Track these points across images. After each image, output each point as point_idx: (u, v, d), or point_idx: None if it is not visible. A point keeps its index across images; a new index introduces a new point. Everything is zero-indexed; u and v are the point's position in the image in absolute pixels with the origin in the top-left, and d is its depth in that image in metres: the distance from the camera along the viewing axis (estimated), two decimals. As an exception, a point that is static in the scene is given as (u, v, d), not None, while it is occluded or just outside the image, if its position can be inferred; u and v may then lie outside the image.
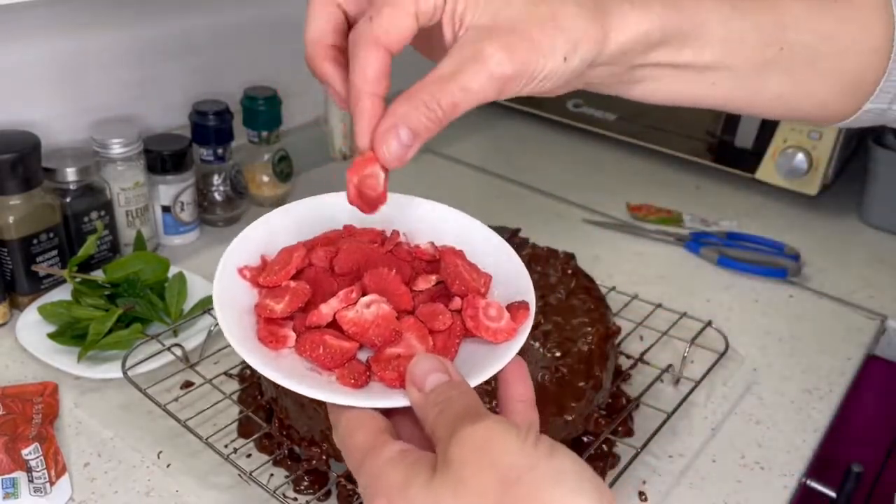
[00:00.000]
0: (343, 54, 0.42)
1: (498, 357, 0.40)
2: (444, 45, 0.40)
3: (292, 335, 0.41)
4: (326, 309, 0.41)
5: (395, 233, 0.47)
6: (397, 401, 0.38)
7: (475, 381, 0.38)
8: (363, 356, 0.41)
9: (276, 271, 0.43)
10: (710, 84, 0.48)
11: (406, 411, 0.38)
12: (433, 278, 0.44)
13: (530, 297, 0.43)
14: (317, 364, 0.40)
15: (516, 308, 0.42)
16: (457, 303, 0.43)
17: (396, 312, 0.41)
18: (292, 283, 0.42)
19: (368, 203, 0.42)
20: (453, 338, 0.41)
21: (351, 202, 0.42)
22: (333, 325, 0.41)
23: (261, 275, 0.43)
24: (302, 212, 0.48)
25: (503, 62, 0.38)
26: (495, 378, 0.40)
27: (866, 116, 0.54)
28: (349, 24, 0.42)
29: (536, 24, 0.39)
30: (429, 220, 0.49)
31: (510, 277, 0.45)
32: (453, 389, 0.36)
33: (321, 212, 0.49)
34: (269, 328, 0.41)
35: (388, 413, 0.39)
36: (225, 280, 0.43)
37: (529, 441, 0.34)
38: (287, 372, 0.38)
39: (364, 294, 0.42)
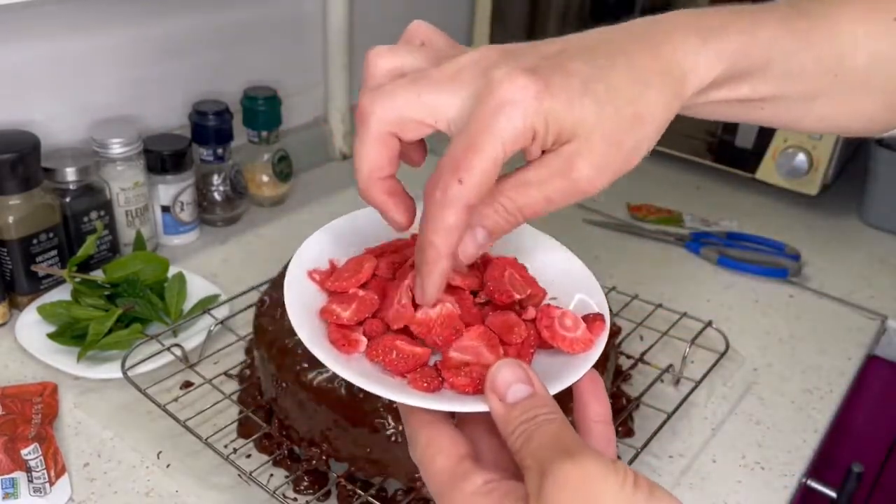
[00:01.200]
0: (397, 182, 0.41)
1: (574, 368, 0.39)
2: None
3: (363, 340, 0.41)
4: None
5: None
6: (475, 406, 0.37)
7: (553, 390, 0.37)
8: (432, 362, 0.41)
9: (346, 278, 0.43)
10: (758, 109, 0.47)
11: (480, 418, 0.38)
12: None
13: (605, 310, 0.43)
14: (389, 368, 0.39)
15: (591, 320, 0.42)
16: (531, 312, 0.42)
17: (461, 312, 0.41)
18: (360, 292, 0.42)
19: None
20: (527, 348, 0.41)
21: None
22: (403, 330, 0.41)
23: (329, 279, 0.43)
24: (367, 219, 0.47)
25: (593, 179, 0.37)
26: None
27: None
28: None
29: (626, 131, 0.38)
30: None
31: (581, 290, 0.45)
32: (540, 407, 0.35)
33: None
34: (340, 331, 0.41)
35: (461, 420, 0.39)
36: (295, 281, 0.43)
37: (629, 484, 0.33)
38: (362, 374, 0.38)
39: None
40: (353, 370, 0.38)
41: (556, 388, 0.38)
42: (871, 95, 0.49)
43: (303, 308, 0.41)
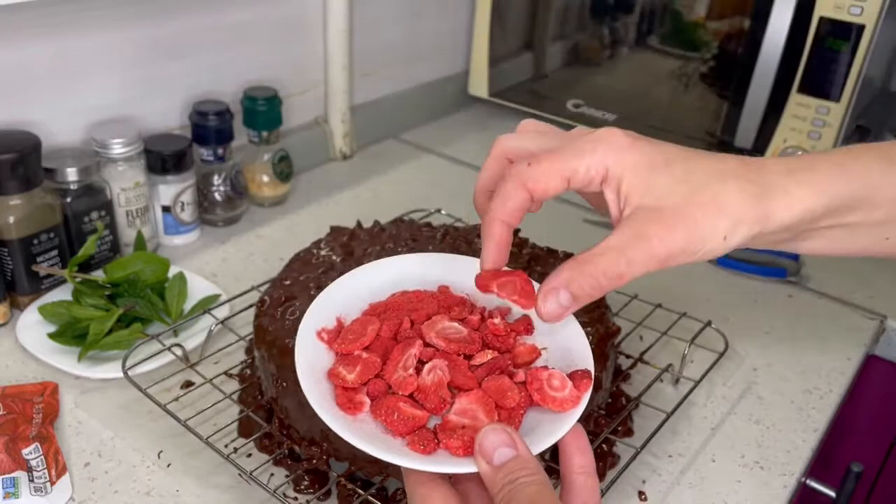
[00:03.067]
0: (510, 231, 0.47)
1: (560, 423, 0.43)
2: (606, 208, 0.44)
3: (367, 401, 0.45)
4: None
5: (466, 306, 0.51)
6: (465, 467, 0.41)
7: (538, 449, 0.41)
8: (431, 424, 0.44)
9: (351, 340, 0.47)
10: (883, 238, 0.47)
11: (472, 475, 0.41)
12: (489, 353, 0.47)
13: (590, 364, 0.46)
14: (390, 428, 0.43)
15: (579, 377, 0.45)
16: (521, 376, 0.46)
17: (450, 378, 0.45)
18: (364, 354, 0.47)
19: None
20: (518, 409, 0.44)
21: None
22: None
23: (336, 340, 0.48)
24: (368, 276, 0.52)
25: (666, 242, 0.41)
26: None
27: None
28: None
29: (699, 208, 0.41)
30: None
31: (567, 342, 0.48)
32: (521, 469, 0.39)
33: (390, 273, 0.53)
34: (346, 395, 0.45)
35: (456, 477, 0.43)
36: (305, 342, 0.47)
37: None
38: (364, 436, 0.42)
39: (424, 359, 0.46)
40: (357, 431, 0.42)
41: (542, 446, 0.41)
42: None
43: (311, 370, 0.45)
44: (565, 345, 0.48)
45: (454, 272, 0.53)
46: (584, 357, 0.47)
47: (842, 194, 0.44)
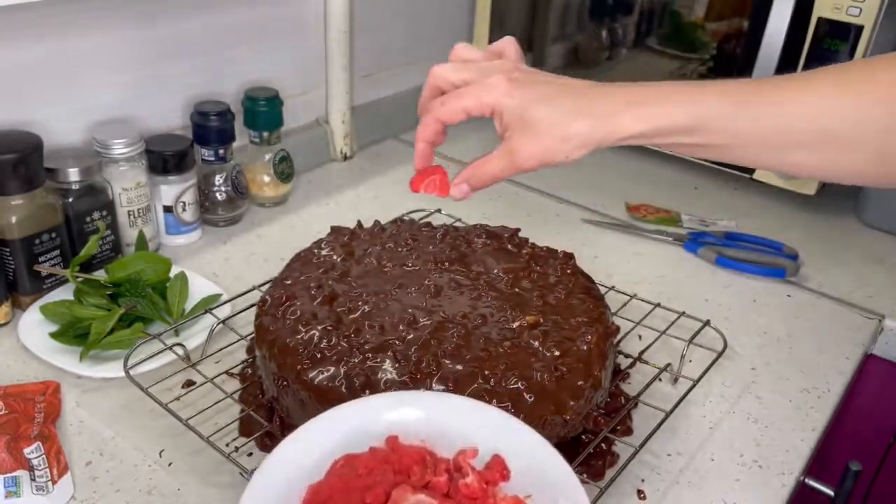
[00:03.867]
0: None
1: None
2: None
3: None
4: None
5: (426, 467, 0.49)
6: None
7: None
8: None
9: None
10: (734, 157, 0.57)
11: None
12: None
13: (576, 487, 0.45)
14: None
15: None
16: None
17: None
18: None
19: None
20: None
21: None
22: None
23: None
24: (308, 443, 0.50)
25: (528, 157, 0.58)
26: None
27: None
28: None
29: (552, 138, 0.57)
30: (468, 419, 0.51)
31: (543, 467, 0.47)
32: None
33: (329, 437, 0.51)
34: None
35: None
36: None
37: None
38: None
39: None
40: None
41: None
42: (849, 154, 0.54)
43: None
44: (542, 474, 0.46)
45: (398, 411, 0.50)
46: (567, 483, 0.45)
47: (668, 125, 0.56)
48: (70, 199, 0.80)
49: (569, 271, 0.73)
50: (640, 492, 0.64)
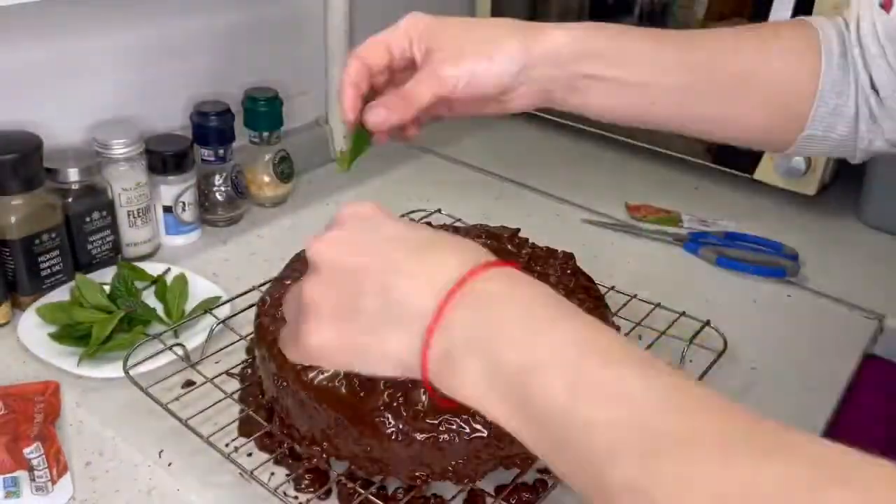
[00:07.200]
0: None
1: None
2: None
3: None
4: None
5: None
6: None
7: None
8: None
9: None
10: (649, 103, 0.59)
11: None
12: None
13: None
14: None
15: None
16: None
17: None
18: None
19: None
20: None
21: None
22: None
23: None
24: None
25: (452, 72, 0.58)
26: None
27: (808, 143, 0.61)
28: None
29: (476, 45, 0.58)
30: None
31: None
32: None
33: None
34: None
35: None
36: None
37: None
38: None
39: None
40: None
41: None
42: (752, 105, 0.59)
43: None
44: None
45: None
46: None
47: (593, 45, 0.57)
48: (70, 200, 0.80)
49: (569, 271, 0.73)
50: (639, 492, 0.64)
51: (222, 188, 0.97)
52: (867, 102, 0.59)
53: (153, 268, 0.85)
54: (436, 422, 0.55)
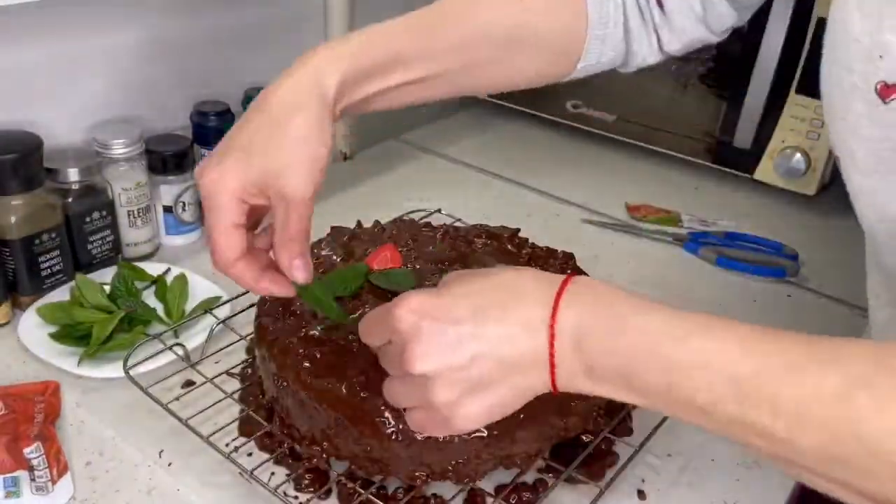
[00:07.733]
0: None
1: None
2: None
3: None
4: None
5: None
6: None
7: None
8: None
9: None
10: (429, 94, 0.60)
11: None
12: None
13: None
14: None
15: None
16: None
17: None
18: None
19: None
20: None
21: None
22: None
23: None
24: None
25: (298, 187, 0.56)
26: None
27: (584, 72, 0.67)
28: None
29: (301, 155, 0.56)
30: None
31: None
32: None
33: None
34: None
35: None
36: None
37: None
38: None
39: None
40: None
41: None
42: (526, 56, 0.63)
43: None
44: None
45: None
46: None
47: (365, 64, 0.56)
48: (70, 200, 0.80)
49: (569, 271, 0.73)
50: (640, 492, 0.64)
51: (222, 188, 0.96)
52: (643, 16, 0.66)
53: (153, 268, 0.85)
54: (436, 422, 0.55)
